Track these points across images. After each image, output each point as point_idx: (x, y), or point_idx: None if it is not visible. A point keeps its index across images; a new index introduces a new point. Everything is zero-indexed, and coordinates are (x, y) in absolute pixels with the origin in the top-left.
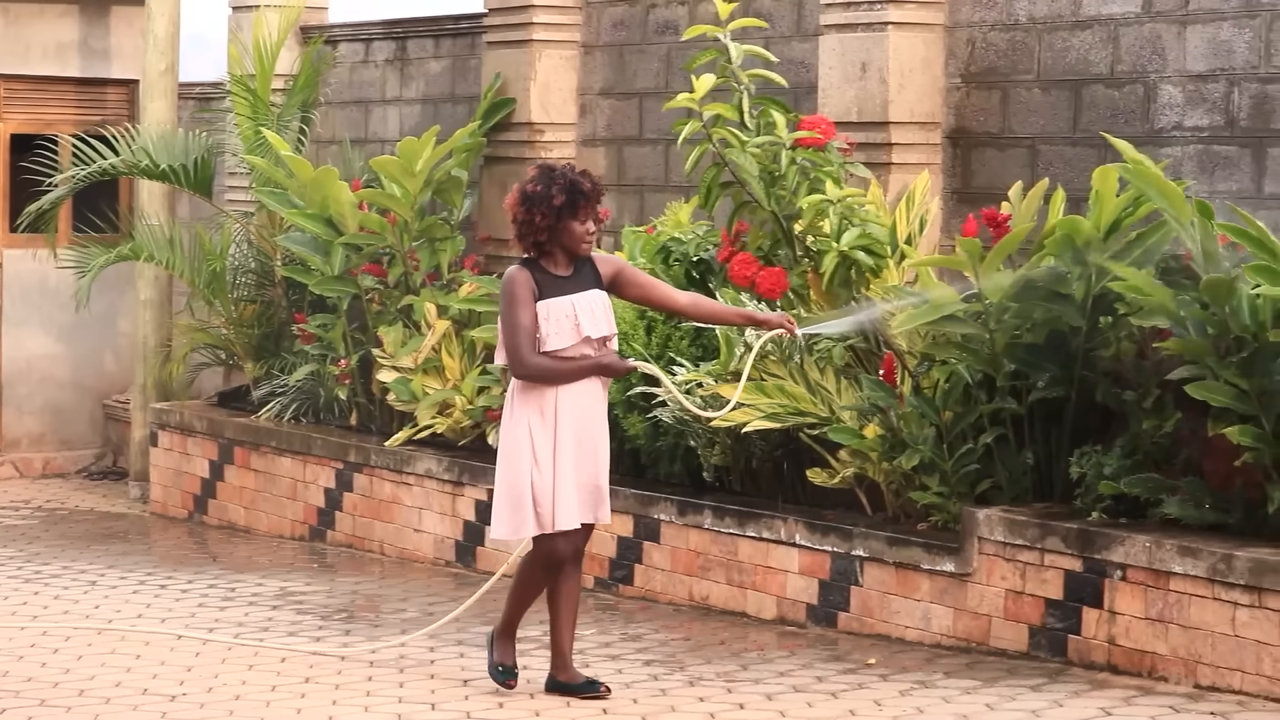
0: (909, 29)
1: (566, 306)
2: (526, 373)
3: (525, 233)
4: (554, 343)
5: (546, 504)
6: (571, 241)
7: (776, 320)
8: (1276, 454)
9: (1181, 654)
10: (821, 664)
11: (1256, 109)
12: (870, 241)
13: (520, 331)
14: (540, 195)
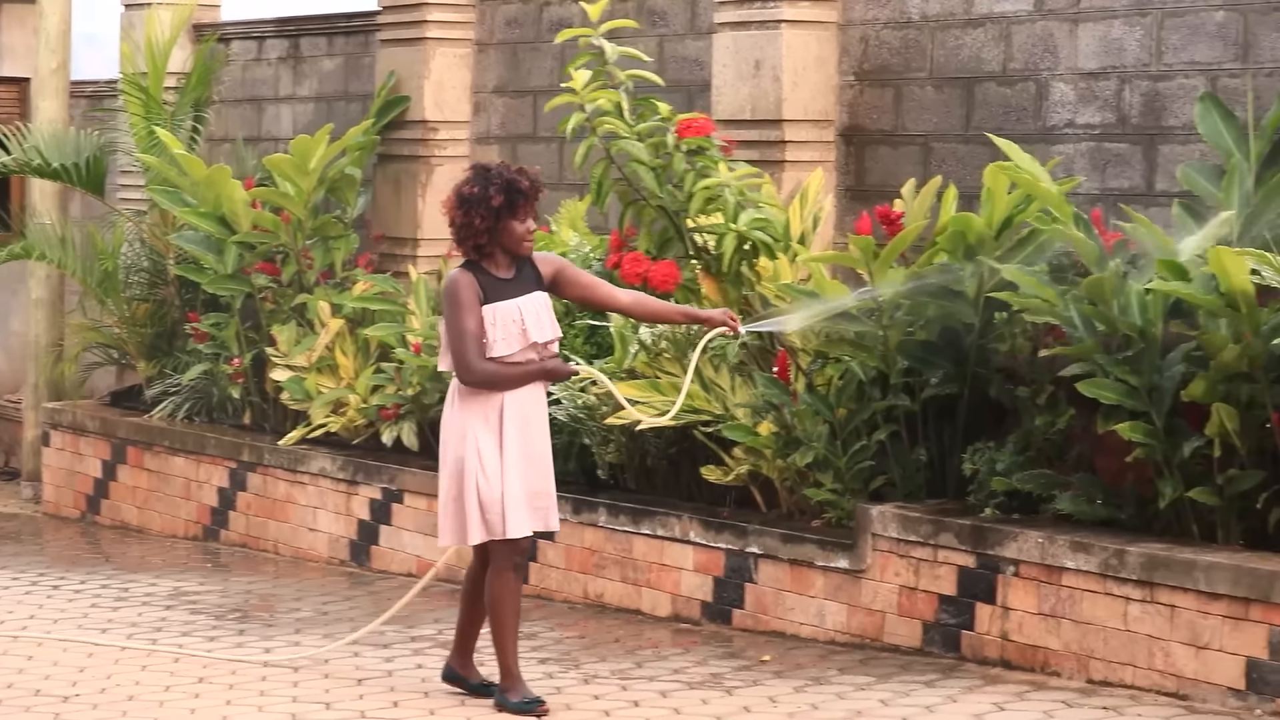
0: (802, 27)
1: (513, 311)
2: (474, 379)
3: (464, 236)
4: (501, 349)
5: (495, 511)
6: (512, 242)
7: (719, 318)
8: (1167, 450)
9: (1074, 649)
10: (716, 661)
11: (1148, 106)
12: (766, 224)
13: (467, 337)
14: (478, 197)
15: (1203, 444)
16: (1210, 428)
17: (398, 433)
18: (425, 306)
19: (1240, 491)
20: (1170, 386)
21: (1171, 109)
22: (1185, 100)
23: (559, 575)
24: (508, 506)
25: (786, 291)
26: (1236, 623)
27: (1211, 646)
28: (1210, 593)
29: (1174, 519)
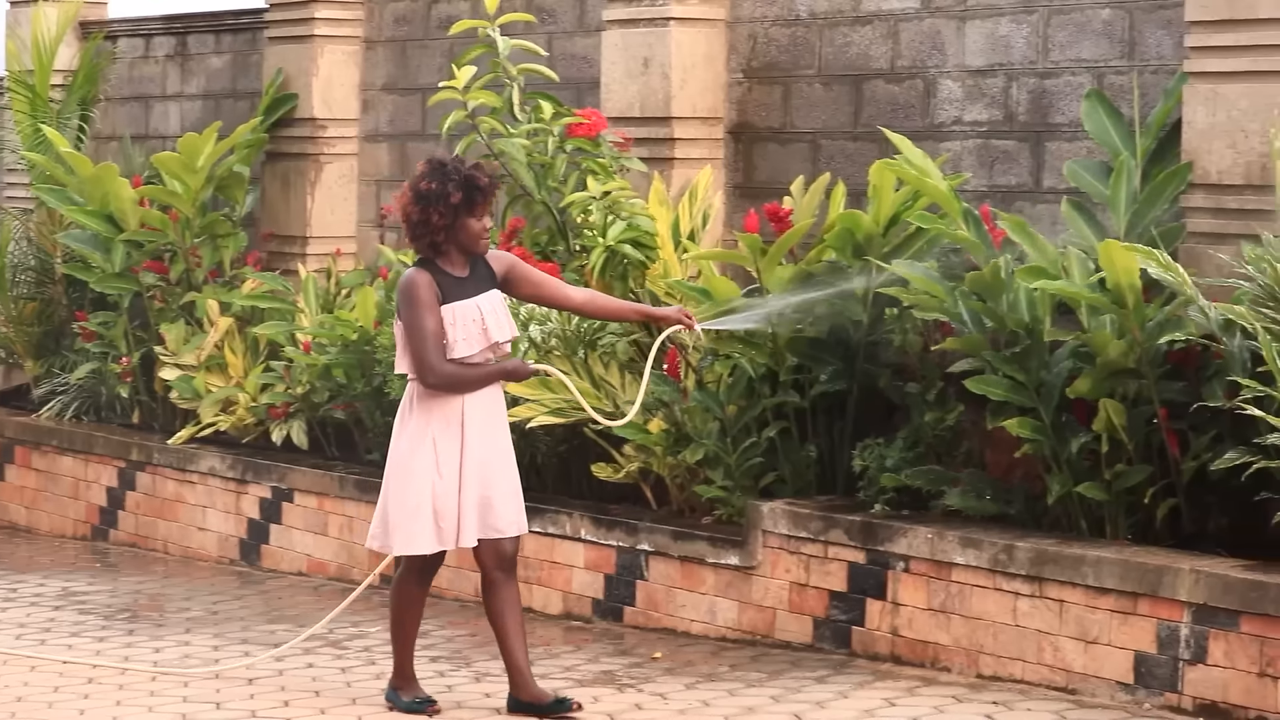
0: (691, 24)
1: (473, 310)
2: (437, 381)
3: (421, 233)
4: (462, 349)
5: (450, 518)
6: (469, 240)
7: (675, 316)
8: (1055, 445)
9: (964, 644)
10: (608, 658)
11: (1034, 103)
12: (638, 234)
13: (427, 337)
14: (436, 193)
15: (1090, 439)
16: (1098, 423)
17: (287, 431)
18: (314, 304)
19: (1128, 487)
20: (1058, 383)
21: (1058, 106)
22: (1072, 97)
23: (449, 573)
24: (464, 514)
25: (676, 288)
26: (1125, 617)
27: (1100, 641)
28: (1099, 587)
29: (1063, 514)
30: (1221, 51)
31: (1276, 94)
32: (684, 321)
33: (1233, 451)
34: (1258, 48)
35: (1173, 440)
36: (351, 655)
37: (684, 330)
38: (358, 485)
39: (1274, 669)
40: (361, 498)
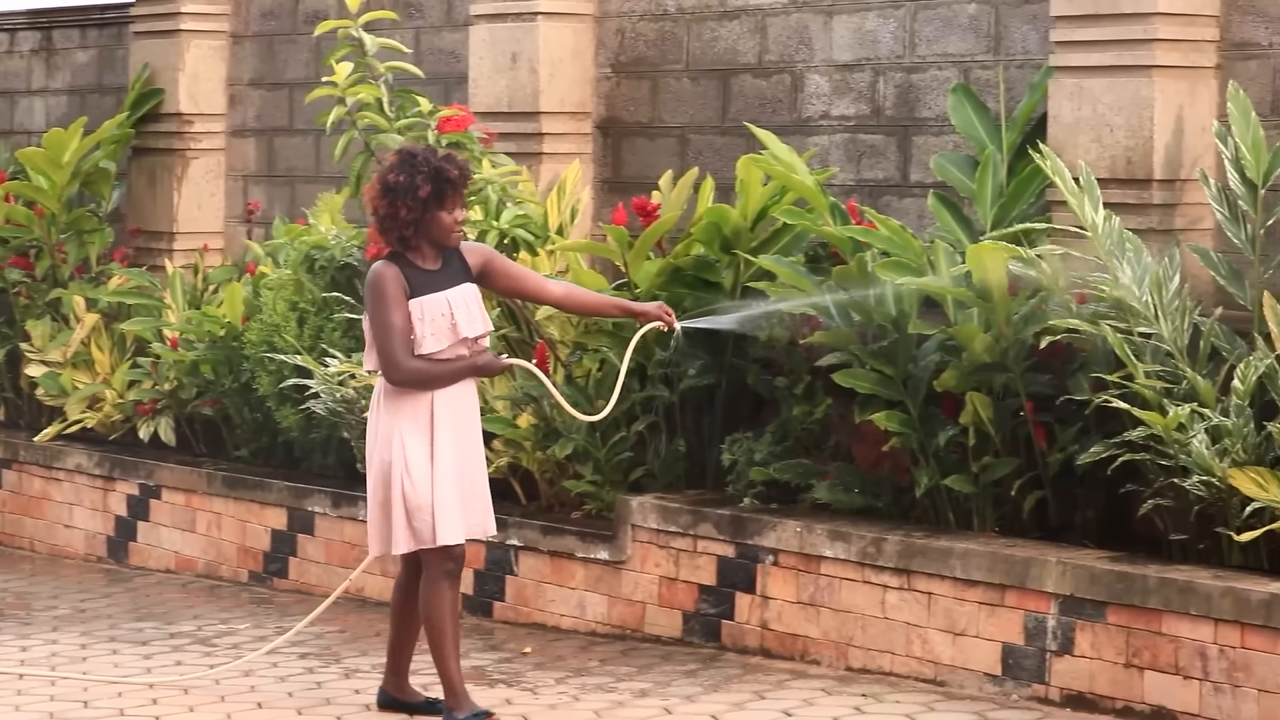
0: (559, 19)
1: (441, 304)
2: (403, 378)
3: (389, 227)
4: (430, 345)
5: (424, 518)
6: (440, 234)
7: (655, 312)
8: (922, 439)
9: (833, 637)
10: (478, 653)
11: (901, 98)
12: (527, 221)
13: (394, 333)
14: (404, 186)
15: (958, 433)
16: (965, 417)
17: (155, 428)
18: (181, 300)
19: (995, 479)
20: (925, 376)
21: (925, 101)
22: (939, 92)
23: (319, 569)
24: (438, 512)
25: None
26: (992, 609)
27: (968, 633)
28: (966, 580)
29: (930, 507)
30: (1086, 46)
31: (1141, 88)
32: (663, 318)
33: (1098, 445)
34: (1122, 42)
35: (1039, 433)
36: (220, 653)
37: (663, 327)
38: (226, 482)
39: (1140, 659)
40: (230, 494)
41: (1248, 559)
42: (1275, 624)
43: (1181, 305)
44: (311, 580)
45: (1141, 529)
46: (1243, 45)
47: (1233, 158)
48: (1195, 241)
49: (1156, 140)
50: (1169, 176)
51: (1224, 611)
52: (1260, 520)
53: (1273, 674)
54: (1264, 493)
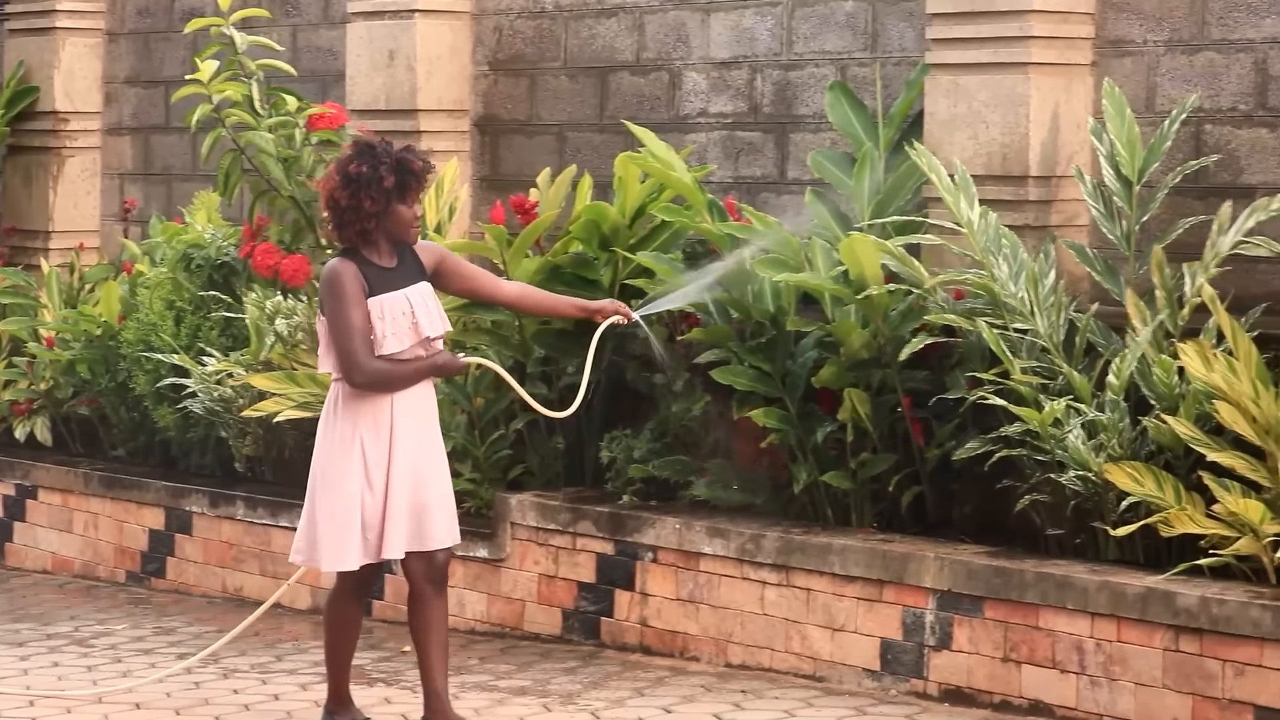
0: (436, 17)
1: (402, 303)
2: (365, 380)
3: (349, 220)
4: (391, 345)
5: (376, 530)
6: (399, 228)
7: (610, 309)
8: (801, 435)
9: (713, 634)
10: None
11: (779, 95)
12: None
13: (354, 333)
14: (368, 177)
15: (836, 429)
16: (843, 413)
17: (31, 428)
18: (57, 299)
19: (873, 475)
20: (803, 373)
21: (803, 98)
22: (816, 89)
23: (197, 569)
24: (389, 525)
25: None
26: (871, 604)
27: (847, 628)
28: (845, 575)
29: (809, 503)
30: (962, 43)
31: (1017, 85)
32: (620, 312)
33: (975, 440)
34: (998, 40)
35: (917, 429)
36: (97, 654)
37: (622, 322)
38: (103, 482)
39: (1017, 654)
40: (107, 494)
41: (1124, 553)
42: (1151, 618)
43: (1057, 301)
44: (190, 580)
45: (1018, 524)
46: (1118, 42)
47: (1108, 154)
48: (1071, 238)
49: (1032, 137)
50: (1045, 173)
51: (1100, 606)
52: (1136, 515)
53: (1149, 667)
54: (1139, 487)
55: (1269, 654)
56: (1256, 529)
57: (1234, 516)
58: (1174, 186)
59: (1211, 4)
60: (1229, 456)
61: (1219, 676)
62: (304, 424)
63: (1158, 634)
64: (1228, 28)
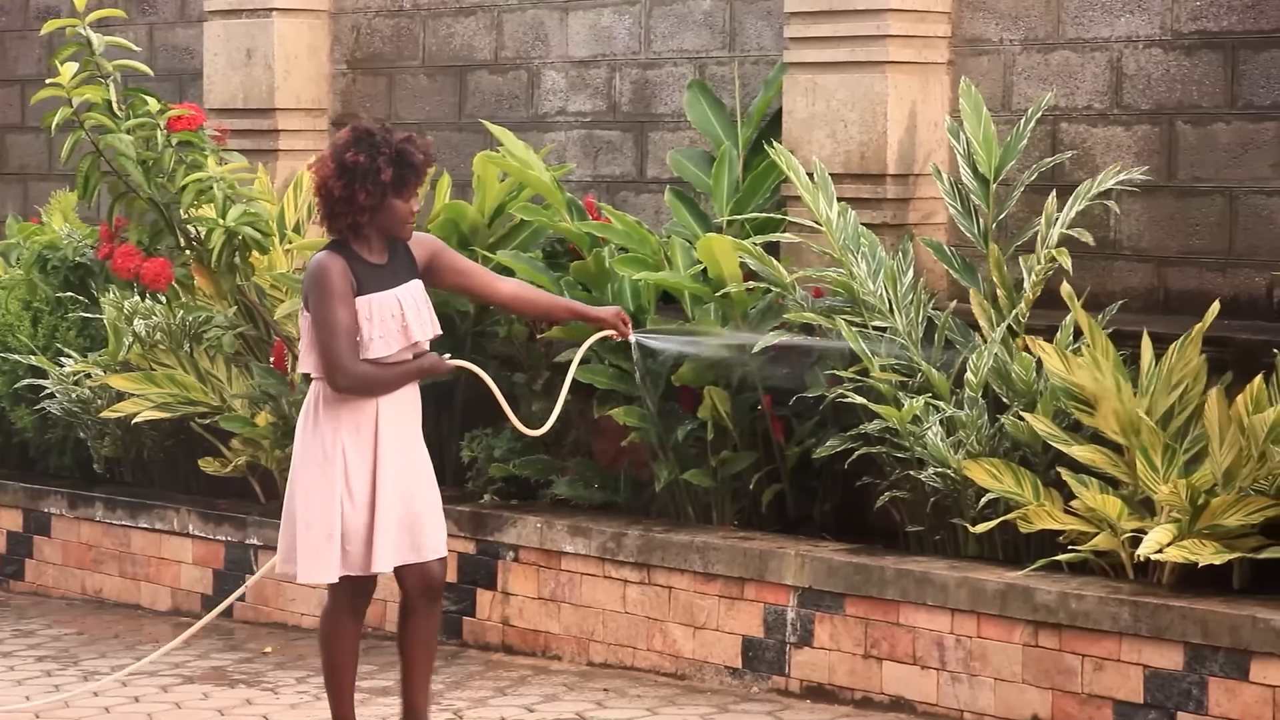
0: (294, 15)
1: (391, 304)
2: (350, 383)
3: (341, 211)
4: (378, 348)
5: (359, 541)
6: (394, 224)
7: (610, 319)
8: (661, 433)
9: (575, 633)
10: (218, 654)
11: (637, 94)
12: (255, 218)
13: (340, 333)
14: (365, 168)
15: (696, 427)
16: (703, 411)
17: None
18: None
19: (734, 473)
20: (663, 371)
21: (661, 96)
22: (675, 88)
23: (55, 571)
24: (377, 536)
25: (282, 281)
26: (732, 602)
27: (709, 626)
28: (706, 573)
29: (670, 501)
30: (820, 42)
31: (874, 84)
32: (618, 327)
33: (835, 438)
34: (855, 38)
35: (777, 427)
36: None
37: (616, 337)
38: None
39: (878, 650)
40: None
41: (983, 549)
42: (1010, 613)
43: (916, 299)
44: (49, 582)
45: (879, 521)
46: (974, 41)
47: (965, 153)
48: (929, 235)
49: (890, 135)
50: (903, 171)
51: (960, 602)
52: (995, 511)
53: (1008, 663)
54: (998, 484)
55: (1127, 649)
56: (1114, 524)
57: (1092, 512)
58: (1030, 184)
59: (1067, 3)
60: (1087, 452)
61: (1078, 671)
62: (163, 425)
63: (1017, 629)
64: (1083, 27)
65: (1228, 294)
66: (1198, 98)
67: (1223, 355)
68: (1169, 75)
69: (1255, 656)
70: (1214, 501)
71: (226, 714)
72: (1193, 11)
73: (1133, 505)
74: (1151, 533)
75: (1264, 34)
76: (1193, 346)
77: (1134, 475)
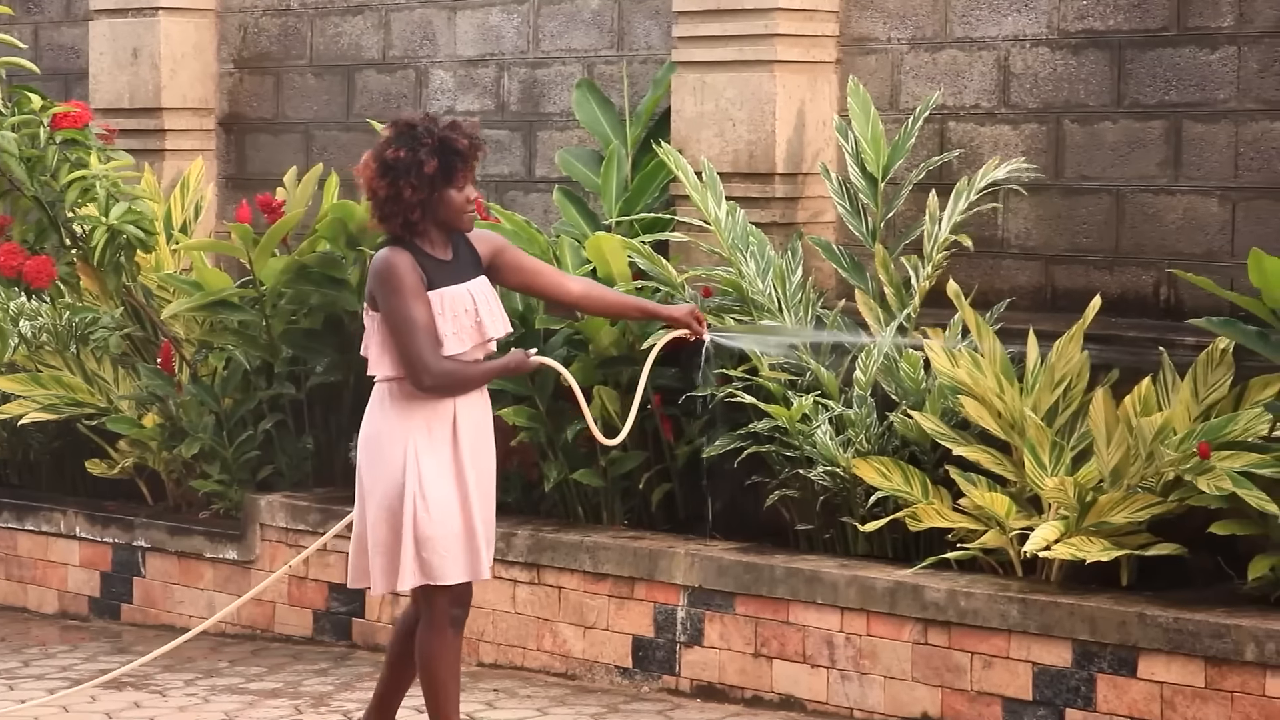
0: (181, 14)
1: (464, 298)
2: (436, 382)
3: (392, 211)
4: (452, 346)
5: (435, 549)
6: (451, 215)
7: (683, 318)
8: (551, 433)
9: (465, 633)
10: (106, 657)
11: (526, 93)
12: (139, 217)
13: (419, 330)
14: (406, 163)
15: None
16: (592, 410)
17: None
18: None
19: (623, 473)
20: None
21: (550, 95)
22: (563, 87)
23: None
24: (452, 544)
25: (169, 281)
26: (623, 602)
27: (599, 626)
28: (596, 573)
29: (560, 501)
30: (708, 41)
31: (763, 83)
32: (692, 326)
33: (724, 438)
34: (743, 37)
35: (666, 426)
36: None
37: (690, 337)
38: None
39: (768, 649)
40: None
41: (872, 548)
42: (900, 611)
43: (805, 298)
44: None
45: (769, 520)
46: (862, 40)
47: (853, 151)
48: (818, 234)
49: (778, 134)
50: (791, 170)
51: (850, 600)
52: (884, 509)
53: (898, 661)
54: (887, 482)
55: (1016, 646)
56: (1003, 522)
57: (980, 510)
58: (918, 183)
59: (954, 3)
60: (975, 451)
61: (967, 669)
62: (49, 426)
63: (907, 627)
64: (970, 26)
65: (1115, 292)
66: (1084, 96)
67: (1110, 353)
68: (1056, 74)
69: (1143, 653)
70: (1101, 499)
71: (114, 717)
72: (1079, 11)
73: (1021, 503)
74: (1039, 529)
75: (1150, 33)
76: (1074, 343)
77: (1021, 473)
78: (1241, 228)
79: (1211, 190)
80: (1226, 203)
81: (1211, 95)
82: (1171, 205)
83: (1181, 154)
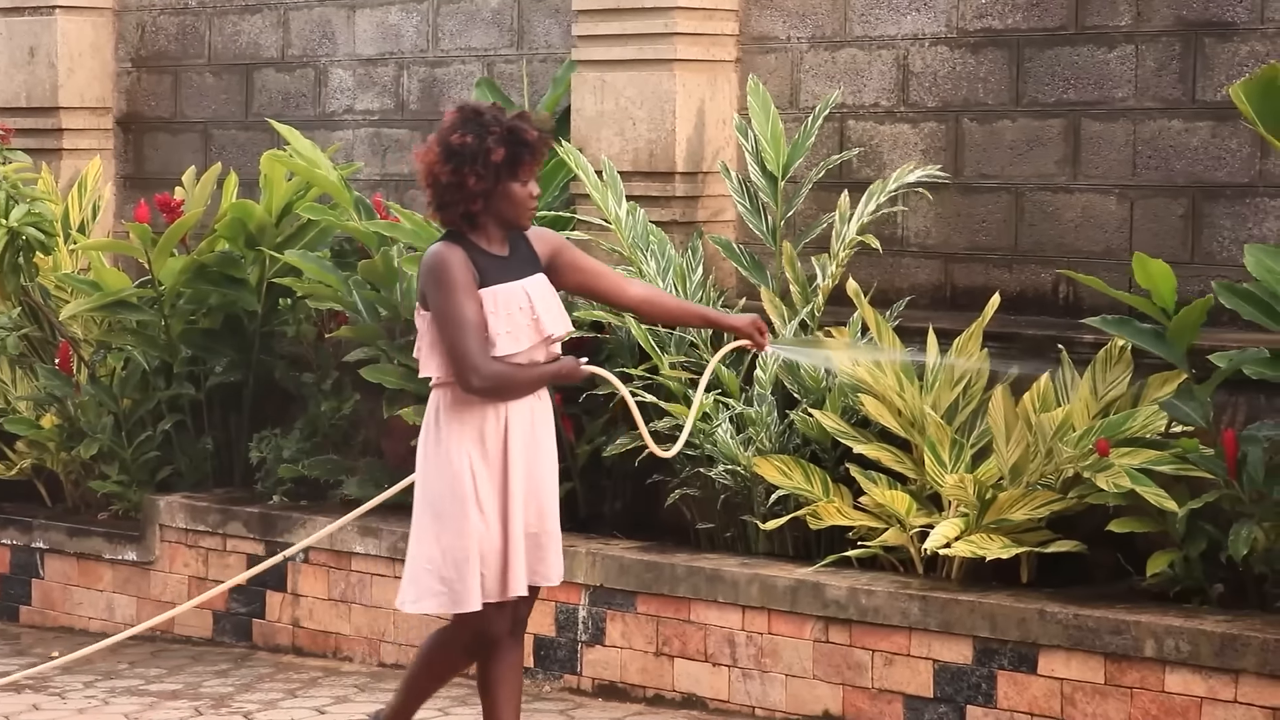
0: (77, 13)
1: (519, 296)
2: (484, 383)
3: (453, 200)
4: (506, 345)
5: (495, 565)
6: (511, 210)
7: (746, 328)
8: None
9: (365, 633)
10: (4, 660)
11: (426, 92)
12: (38, 219)
13: (469, 329)
14: (473, 150)
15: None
16: None
17: None
18: None
19: None
20: None
21: (449, 94)
22: (463, 86)
23: None
24: (511, 559)
25: (67, 282)
26: None
27: None
28: None
29: None
30: (608, 40)
31: (663, 82)
32: (754, 337)
33: (624, 437)
34: (643, 36)
35: (568, 426)
36: None
37: (752, 347)
38: None
39: (670, 648)
40: None
41: (774, 546)
42: (801, 609)
43: (705, 296)
44: None
45: (670, 519)
46: (762, 39)
47: (753, 150)
48: (718, 233)
49: (679, 133)
50: (691, 169)
51: (751, 598)
52: (785, 508)
53: (799, 659)
54: (788, 480)
55: (917, 643)
56: (903, 520)
57: (881, 508)
58: (818, 181)
59: (854, 1)
60: (875, 449)
61: (868, 666)
62: None
63: (808, 625)
64: (869, 25)
65: (1014, 290)
66: (983, 95)
67: (1009, 350)
68: (955, 73)
69: (1043, 650)
70: (1001, 496)
71: None
72: (978, 9)
73: (921, 501)
74: (939, 527)
75: (1048, 31)
76: (974, 341)
77: (921, 470)
78: (1139, 225)
79: (1110, 188)
80: (1124, 201)
81: (1109, 94)
82: (1070, 203)
83: (1080, 152)
